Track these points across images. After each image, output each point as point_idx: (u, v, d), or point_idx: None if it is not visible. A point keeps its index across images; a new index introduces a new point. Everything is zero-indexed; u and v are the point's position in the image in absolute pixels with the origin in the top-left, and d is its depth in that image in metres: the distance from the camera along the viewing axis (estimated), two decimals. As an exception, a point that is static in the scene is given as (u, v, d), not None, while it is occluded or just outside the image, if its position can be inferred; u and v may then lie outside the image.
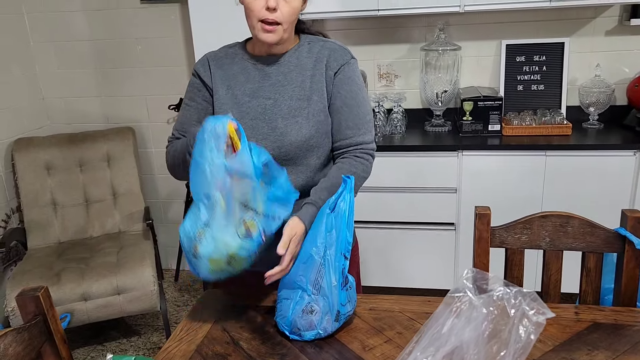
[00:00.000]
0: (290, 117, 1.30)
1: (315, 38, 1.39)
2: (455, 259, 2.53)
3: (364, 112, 1.35)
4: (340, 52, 1.34)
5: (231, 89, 1.33)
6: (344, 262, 1.12)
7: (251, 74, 1.34)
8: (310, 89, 1.32)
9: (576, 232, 1.36)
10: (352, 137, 1.34)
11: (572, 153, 2.31)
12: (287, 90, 1.32)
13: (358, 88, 1.35)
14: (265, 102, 1.32)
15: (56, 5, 2.89)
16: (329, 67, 1.33)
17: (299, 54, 1.35)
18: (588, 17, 2.60)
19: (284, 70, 1.33)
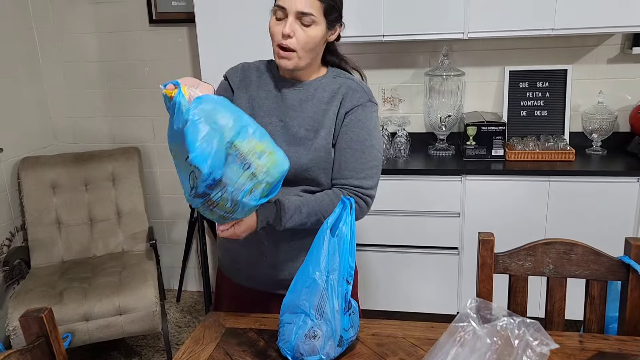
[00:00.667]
0: (293, 144, 1.31)
1: (343, 73, 1.39)
2: (459, 283, 2.52)
3: (367, 159, 1.32)
4: (358, 93, 1.34)
5: (252, 100, 1.37)
6: (346, 286, 1.12)
7: (271, 92, 1.37)
8: (320, 122, 1.32)
9: (580, 259, 1.35)
10: (350, 179, 1.32)
11: (576, 179, 2.32)
12: (298, 117, 1.33)
13: (367, 133, 1.33)
14: (277, 122, 1.34)
15: (67, 26, 2.94)
16: (343, 106, 1.33)
17: (318, 85, 1.35)
18: (590, 45, 2.63)
19: (301, 97, 1.34)
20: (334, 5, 1.30)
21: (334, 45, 1.41)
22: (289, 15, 1.25)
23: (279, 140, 1.31)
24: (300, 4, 1.24)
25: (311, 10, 1.25)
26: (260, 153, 1.09)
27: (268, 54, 1.39)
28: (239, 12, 2.34)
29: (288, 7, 1.25)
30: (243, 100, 1.37)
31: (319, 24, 1.28)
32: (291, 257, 1.38)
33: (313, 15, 1.26)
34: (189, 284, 3.25)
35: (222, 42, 2.41)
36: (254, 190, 1.10)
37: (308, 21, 1.26)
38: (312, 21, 1.26)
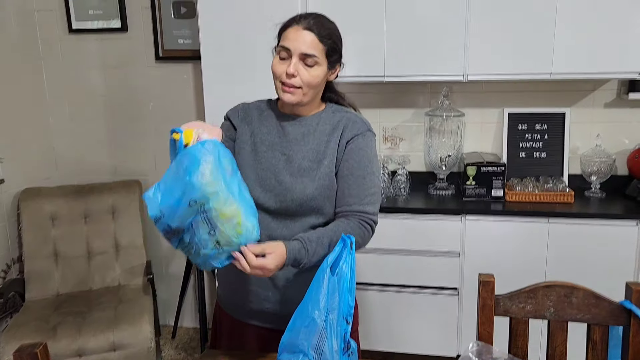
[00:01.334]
0: (298, 175, 1.35)
1: (341, 108, 1.45)
2: (459, 325, 2.49)
3: (369, 185, 1.37)
4: (358, 124, 1.40)
5: (254, 136, 1.41)
6: (346, 326, 1.11)
7: (273, 128, 1.41)
8: (323, 153, 1.37)
9: (581, 303, 1.34)
10: (353, 205, 1.36)
11: (575, 221, 2.32)
12: (301, 149, 1.37)
13: (367, 160, 1.38)
14: (280, 156, 1.38)
15: (74, 61, 3.00)
16: (344, 136, 1.38)
17: (319, 120, 1.41)
18: (587, 90, 2.68)
19: (303, 131, 1.39)
20: (335, 47, 1.37)
21: (332, 83, 1.47)
22: (293, 56, 1.31)
23: (283, 173, 1.36)
24: (305, 46, 1.30)
25: (314, 52, 1.31)
26: (229, 219, 1.12)
27: (272, 92, 1.42)
28: (243, 50, 2.39)
29: (293, 49, 1.30)
30: (245, 136, 1.42)
31: (321, 65, 1.34)
32: (298, 292, 1.38)
33: (316, 57, 1.32)
34: (185, 319, 3.20)
35: (226, 79, 2.45)
36: (217, 255, 1.16)
37: (311, 62, 1.32)
38: (315, 62, 1.32)
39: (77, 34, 2.95)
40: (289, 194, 1.34)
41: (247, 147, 1.41)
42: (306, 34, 1.31)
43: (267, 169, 1.37)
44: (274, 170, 1.36)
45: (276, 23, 1.39)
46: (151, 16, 2.87)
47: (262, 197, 1.36)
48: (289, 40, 1.31)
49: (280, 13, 1.47)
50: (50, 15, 2.95)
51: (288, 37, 1.32)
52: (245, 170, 1.38)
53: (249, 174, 1.38)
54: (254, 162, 1.39)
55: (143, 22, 2.89)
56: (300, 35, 1.31)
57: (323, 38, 1.33)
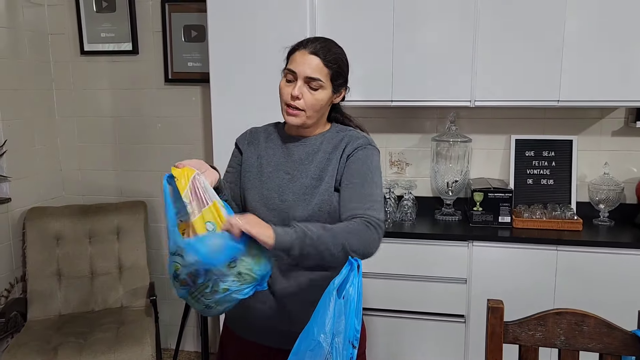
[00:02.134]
0: (300, 194, 1.38)
1: (345, 128, 1.48)
2: (465, 353, 2.44)
3: (369, 192, 1.33)
4: (360, 140, 1.41)
5: (260, 158, 1.46)
6: (352, 350, 1.09)
7: (279, 149, 1.45)
8: (324, 170, 1.39)
9: (592, 331, 1.32)
10: (355, 210, 1.29)
11: (584, 249, 2.29)
12: (306, 169, 1.40)
13: (368, 169, 1.37)
14: (284, 176, 1.41)
15: (85, 83, 3.03)
16: (345, 152, 1.40)
17: (323, 139, 1.44)
18: (595, 117, 2.68)
19: (307, 151, 1.42)
20: (340, 72, 1.40)
21: (339, 105, 1.51)
22: (298, 79, 1.35)
23: (286, 193, 1.39)
24: (309, 69, 1.34)
25: (319, 76, 1.35)
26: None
27: (280, 115, 1.43)
28: (252, 74, 2.41)
29: (298, 72, 1.35)
30: (252, 158, 1.47)
31: (325, 88, 1.37)
32: (304, 310, 1.36)
33: (321, 81, 1.35)
34: (187, 343, 3.16)
35: (234, 102, 2.47)
36: (240, 286, 1.17)
37: (316, 85, 1.35)
38: (320, 86, 1.36)
39: (88, 55, 3.00)
40: (291, 212, 1.37)
41: (254, 170, 1.45)
42: (312, 58, 1.35)
43: (271, 189, 1.41)
44: (278, 190, 1.40)
45: (285, 47, 1.42)
46: (162, 39, 2.91)
47: (267, 216, 1.37)
48: (295, 63, 1.35)
49: (289, 38, 1.49)
50: (62, 38, 3.00)
51: (295, 60, 1.36)
52: (251, 192, 1.43)
53: (254, 195, 1.42)
54: (259, 182, 1.43)
55: (154, 45, 2.94)
56: (306, 59, 1.34)
57: (329, 62, 1.36)
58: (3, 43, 2.67)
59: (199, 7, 2.81)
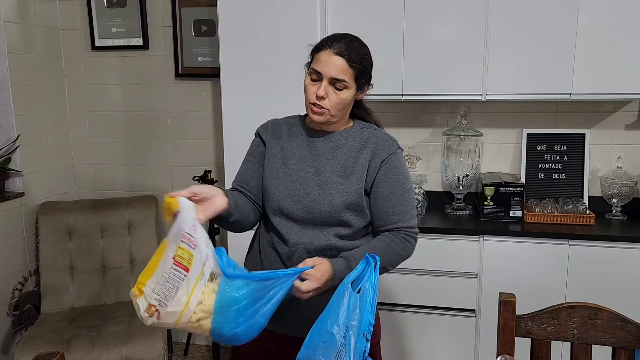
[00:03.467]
0: (326, 188, 1.40)
1: (368, 125, 1.50)
2: (476, 347, 2.44)
3: (409, 200, 1.43)
4: (389, 143, 1.44)
5: (283, 150, 1.47)
6: (365, 343, 1.09)
7: (303, 142, 1.46)
8: (351, 168, 1.41)
9: (605, 325, 1.31)
10: (398, 222, 1.42)
11: (596, 244, 2.27)
12: (330, 163, 1.42)
13: (404, 177, 1.44)
14: (308, 169, 1.43)
15: (96, 78, 3.05)
16: (377, 155, 1.42)
17: (348, 135, 1.46)
18: (608, 111, 2.65)
19: (332, 146, 1.44)
20: (364, 71, 1.41)
21: (362, 101, 1.52)
22: (323, 79, 1.36)
23: (311, 186, 1.41)
24: (334, 71, 1.35)
25: (344, 77, 1.36)
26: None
27: (291, 110, 1.44)
28: (262, 68, 2.41)
29: (323, 73, 1.36)
30: (275, 149, 1.48)
31: (350, 88, 1.38)
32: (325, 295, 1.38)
33: (345, 82, 1.36)
34: (198, 337, 3.18)
35: (245, 96, 2.47)
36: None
37: (340, 86, 1.37)
38: (344, 86, 1.37)
39: (99, 51, 3.01)
40: (317, 205, 1.39)
41: (278, 160, 1.46)
42: (337, 58, 1.35)
43: (296, 180, 1.42)
44: (303, 182, 1.41)
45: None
46: (172, 34, 2.92)
47: (291, 207, 1.41)
48: (320, 63, 1.36)
49: (300, 32, 1.50)
50: (74, 34, 3.02)
51: (320, 60, 1.37)
52: (275, 182, 1.44)
53: (279, 185, 1.44)
54: (283, 174, 1.44)
55: (164, 40, 2.94)
56: (332, 60, 1.35)
57: (354, 63, 1.37)
58: (15, 39, 2.69)
59: (209, 2, 2.82)
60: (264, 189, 1.46)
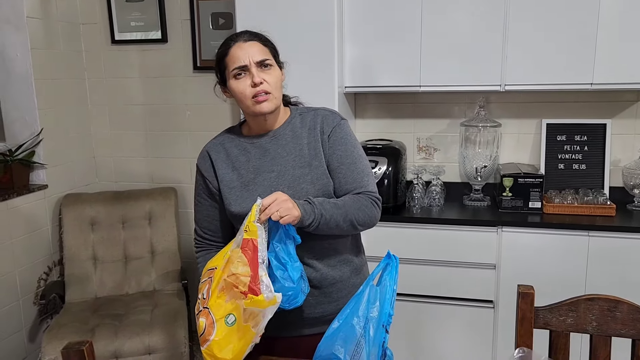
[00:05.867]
0: (295, 185, 1.37)
1: (306, 108, 1.49)
2: (494, 338, 2.44)
3: (361, 168, 1.42)
4: (331, 117, 1.44)
5: (236, 170, 1.42)
6: (384, 335, 1.11)
7: (251, 153, 1.42)
8: (309, 155, 1.40)
9: (625, 317, 1.30)
10: (356, 189, 1.40)
11: (617, 235, 2.25)
12: (287, 161, 1.40)
13: (352, 146, 1.43)
14: (269, 175, 1.39)
15: (116, 72, 3.09)
16: (323, 132, 1.42)
17: (292, 126, 1.44)
18: (630, 100, 2.61)
19: (281, 143, 1.42)
20: (275, 48, 1.43)
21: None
22: (250, 68, 1.34)
23: (280, 188, 1.36)
24: (256, 54, 1.35)
25: (266, 56, 1.37)
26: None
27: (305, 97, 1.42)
28: (280, 60, 2.42)
29: (248, 62, 1.34)
30: (227, 174, 1.42)
31: (274, 66, 1.39)
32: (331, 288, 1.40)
33: (269, 59, 1.37)
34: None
35: (262, 88, 2.48)
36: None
37: (268, 65, 1.37)
38: (270, 64, 1.37)
39: (119, 44, 3.05)
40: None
41: (235, 183, 1.40)
42: (250, 44, 1.36)
43: (263, 192, 1.35)
44: (270, 190, 1.35)
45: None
46: (190, 27, 2.94)
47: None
48: (239, 57, 1.34)
49: (317, 23, 1.49)
50: (94, 28, 3.06)
51: (235, 55, 1.34)
52: (245, 204, 1.36)
53: (249, 205, 1.31)
54: (247, 192, 1.39)
55: (182, 33, 2.97)
56: (247, 47, 1.35)
57: (265, 41, 1.40)
58: (38, 34, 2.74)
59: (226, -5, 2.83)
60: (235, 215, 1.39)
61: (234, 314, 1.17)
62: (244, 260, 1.15)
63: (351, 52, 2.51)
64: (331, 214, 1.31)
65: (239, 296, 1.15)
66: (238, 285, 1.14)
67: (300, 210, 1.25)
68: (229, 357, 1.16)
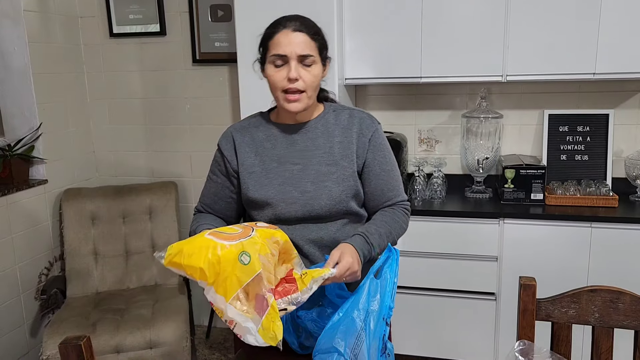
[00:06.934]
0: (319, 181, 1.34)
1: (340, 106, 1.45)
2: (496, 330, 2.43)
3: (397, 175, 1.44)
4: (369, 120, 1.41)
5: (259, 155, 1.38)
6: (385, 327, 1.10)
7: (278, 141, 1.38)
8: (338, 154, 1.36)
9: (628, 309, 1.29)
10: (394, 198, 1.41)
11: (620, 226, 2.24)
12: (314, 155, 1.36)
13: (389, 152, 1.43)
14: (292, 167, 1.35)
15: (114, 66, 3.08)
16: (362, 135, 1.38)
17: (325, 122, 1.40)
18: (632, 90, 2.59)
19: (311, 137, 1.38)
20: (324, 43, 1.36)
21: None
22: (290, 61, 1.29)
23: (303, 182, 1.33)
24: (300, 47, 1.29)
25: (310, 52, 1.31)
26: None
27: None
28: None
29: (289, 53, 1.28)
30: (250, 159, 1.38)
31: (317, 63, 1.33)
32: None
33: (312, 56, 1.31)
34: (219, 320, 3.23)
35: (262, 81, 2.45)
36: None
37: (309, 62, 1.31)
38: (312, 61, 1.31)
39: (117, 38, 3.03)
40: (316, 201, 1.33)
41: (257, 169, 1.37)
42: (298, 35, 1.30)
43: (284, 183, 1.34)
44: (292, 182, 1.34)
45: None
46: (189, 20, 2.92)
47: (288, 211, 1.33)
48: (281, 45, 1.29)
49: (316, 14, 1.46)
50: (92, 21, 3.04)
51: (279, 43, 1.29)
52: (262, 191, 1.35)
53: (267, 193, 1.34)
54: (268, 180, 1.35)
55: (181, 25, 2.95)
56: (293, 38, 1.29)
57: (314, 35, 1.32)
58: (36, 27, 2.72)
59: (224, -13, 2.81)
60: (251, 200, 1.37)
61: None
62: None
63: (351, 43, 2.49)
64: (378, 243, 1.30)
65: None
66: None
67: (360, 267, 1.22)
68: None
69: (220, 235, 1.07)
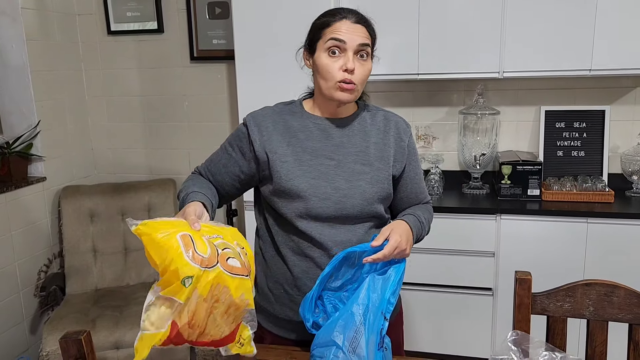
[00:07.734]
0: (353, 180, 1.30)
1: (373, 107, 1.43)
2: (493, 326, 2.45)
3: (422, 178, 1.48)
4: (404, 124, 1.42)
5: (291, 146, 1.31)
6: (383, 322, 1.11)
7: (313, 133, 1.33)
8: (373, 155, 1.34)
9: (622, 302, 1.31)
10: (423, 200, 1.48)
11: (616, 221, 2.25)
12: (350, 152, 1.32)
13: (418, 156, 1.47)
14: (327, 162, 1.31)
15: (112, 63, 3.08)
16: (401, 139, 1.38)
17: (361, 120, 1.37)
18: (629, 86, 2.60)
19: (347, 133, 1.34)
20: (375, 40, 1.35)
21: None
22: (348, 50, 1.24)
23: (337, 179, 1.30)
24: (360, 37, 1.26)
25: (368, 42, 1.28)
26: None
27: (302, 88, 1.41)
28: (277, 50, 2.41)
29: (349, 41, 1.24)
30: (282, 148, 1.31)
31: (369, 58, 1.31)
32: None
33: (369, 47, 1.29)
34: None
35: (260, 78, 2.47)
36: None
37: (366, 54, 1.28)
38: (368, 53, 1.29)
39: (115, 35, 3.03)
40: (349, 200, 1.29)
41: (290, 158, 1.30)
42: (358, 26, 1.27)
43: (317, 177, 1.29)
44: (326, 177, 1.29)
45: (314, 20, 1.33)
46: (186, 17, 2.92)
47: (320, 206, 1.28)
48: (342, 32, 1.24)
49: (314, 11, 1.46)
50: (90, 19, 3.04)
51: (340, 30, 1.24)
52: (295, 182, 1.28)
53: (300, 184, 1.28)
54: (300, 172, 1.29)
55: (179, 23, 2.95)
56: (355, 28, 1.25)
57: (371, 31, 1.31)
58: (34, 25, 2.72)
59: (222, -16, 2.81)
60: (282, 190, 1.29)
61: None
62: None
63: (348, 40, 2.49)
64: (426, 231, 1.44)
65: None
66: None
67: (410, 245, 1.30)
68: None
69: (189, 245, 1.03)
